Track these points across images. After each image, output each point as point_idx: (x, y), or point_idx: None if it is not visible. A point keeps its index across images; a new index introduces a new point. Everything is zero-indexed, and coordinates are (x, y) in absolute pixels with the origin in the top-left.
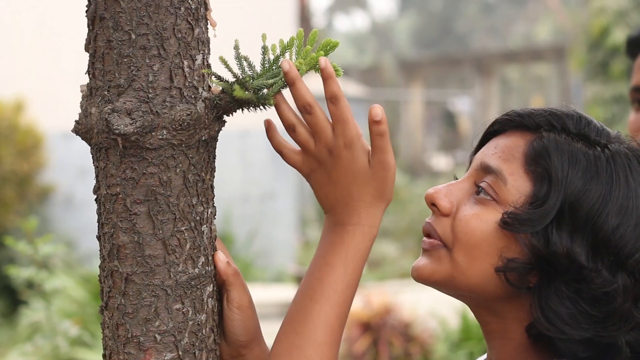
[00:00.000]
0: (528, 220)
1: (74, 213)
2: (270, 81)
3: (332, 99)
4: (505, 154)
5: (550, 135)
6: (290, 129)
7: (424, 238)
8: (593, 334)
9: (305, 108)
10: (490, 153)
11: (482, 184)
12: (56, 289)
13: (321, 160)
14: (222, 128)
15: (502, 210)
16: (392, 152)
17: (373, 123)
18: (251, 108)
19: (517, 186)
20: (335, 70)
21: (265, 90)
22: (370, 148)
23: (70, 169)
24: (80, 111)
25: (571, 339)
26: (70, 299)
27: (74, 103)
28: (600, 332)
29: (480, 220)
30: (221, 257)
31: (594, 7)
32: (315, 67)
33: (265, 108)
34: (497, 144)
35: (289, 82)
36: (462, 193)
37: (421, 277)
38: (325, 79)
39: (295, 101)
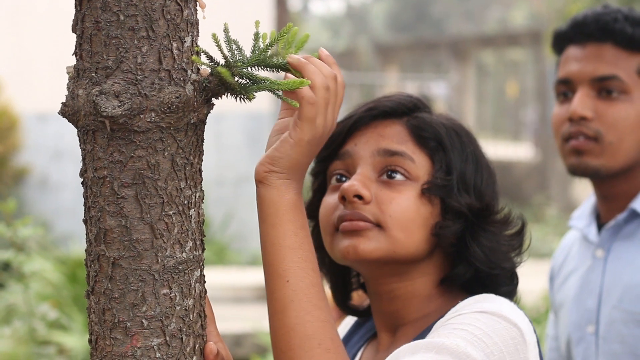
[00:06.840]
0: (443, 186)
1: (49, 195)
2: (262, 76)
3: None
4: (396, 138)
5: (421, 114)
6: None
7: (349, 222)
8: (512, 264)
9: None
10: (379, 140)
11: (394, 167)
12: (34, 272)
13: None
14: (211, 111)
15: (417, 184)
16: None
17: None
18: (232, 96)
19: (421, 162)
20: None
21: (250, 84)
22: None
23: (45, 151)
24: (67, 93)
25: (501, 268)
26: (45, 281)
27: (49, 85)
28: (513, 260)
29: (406, 198)
30: (212, 348)
31: None
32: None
33: (243, 100)
34: (373, 132)
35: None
36: (370, 181)
37: (362, 256)
38: (331, 65)
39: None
